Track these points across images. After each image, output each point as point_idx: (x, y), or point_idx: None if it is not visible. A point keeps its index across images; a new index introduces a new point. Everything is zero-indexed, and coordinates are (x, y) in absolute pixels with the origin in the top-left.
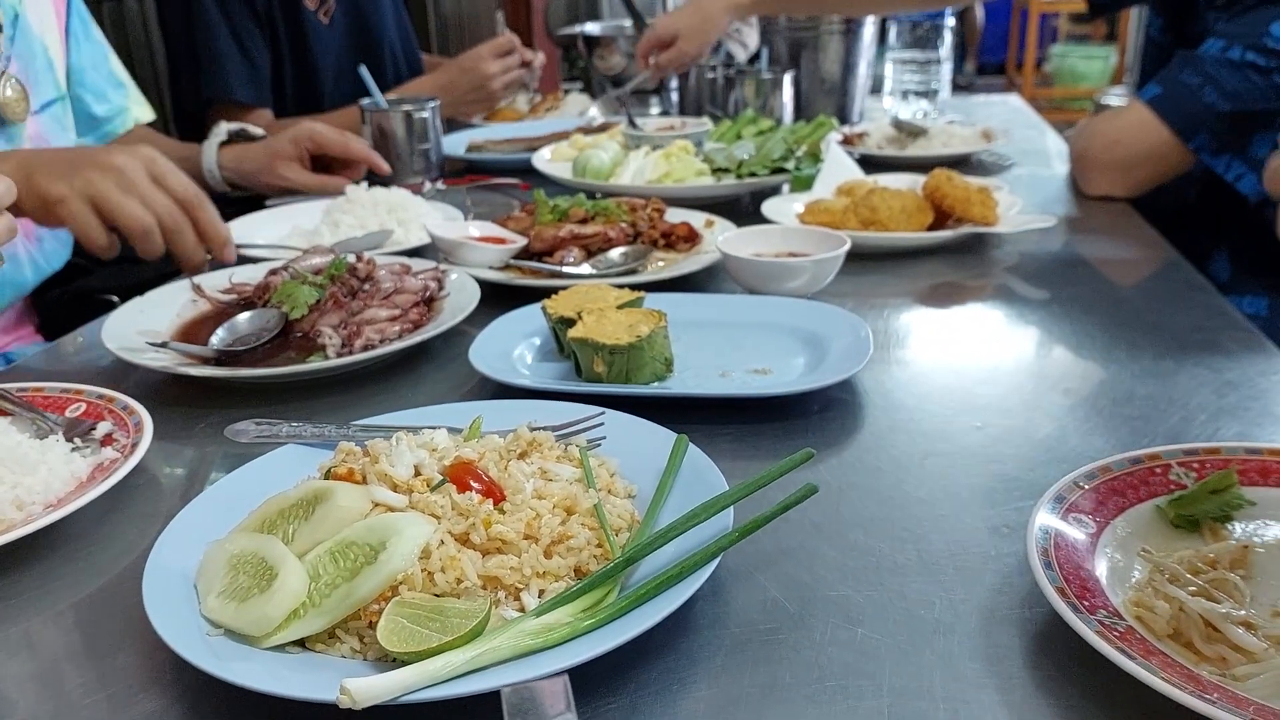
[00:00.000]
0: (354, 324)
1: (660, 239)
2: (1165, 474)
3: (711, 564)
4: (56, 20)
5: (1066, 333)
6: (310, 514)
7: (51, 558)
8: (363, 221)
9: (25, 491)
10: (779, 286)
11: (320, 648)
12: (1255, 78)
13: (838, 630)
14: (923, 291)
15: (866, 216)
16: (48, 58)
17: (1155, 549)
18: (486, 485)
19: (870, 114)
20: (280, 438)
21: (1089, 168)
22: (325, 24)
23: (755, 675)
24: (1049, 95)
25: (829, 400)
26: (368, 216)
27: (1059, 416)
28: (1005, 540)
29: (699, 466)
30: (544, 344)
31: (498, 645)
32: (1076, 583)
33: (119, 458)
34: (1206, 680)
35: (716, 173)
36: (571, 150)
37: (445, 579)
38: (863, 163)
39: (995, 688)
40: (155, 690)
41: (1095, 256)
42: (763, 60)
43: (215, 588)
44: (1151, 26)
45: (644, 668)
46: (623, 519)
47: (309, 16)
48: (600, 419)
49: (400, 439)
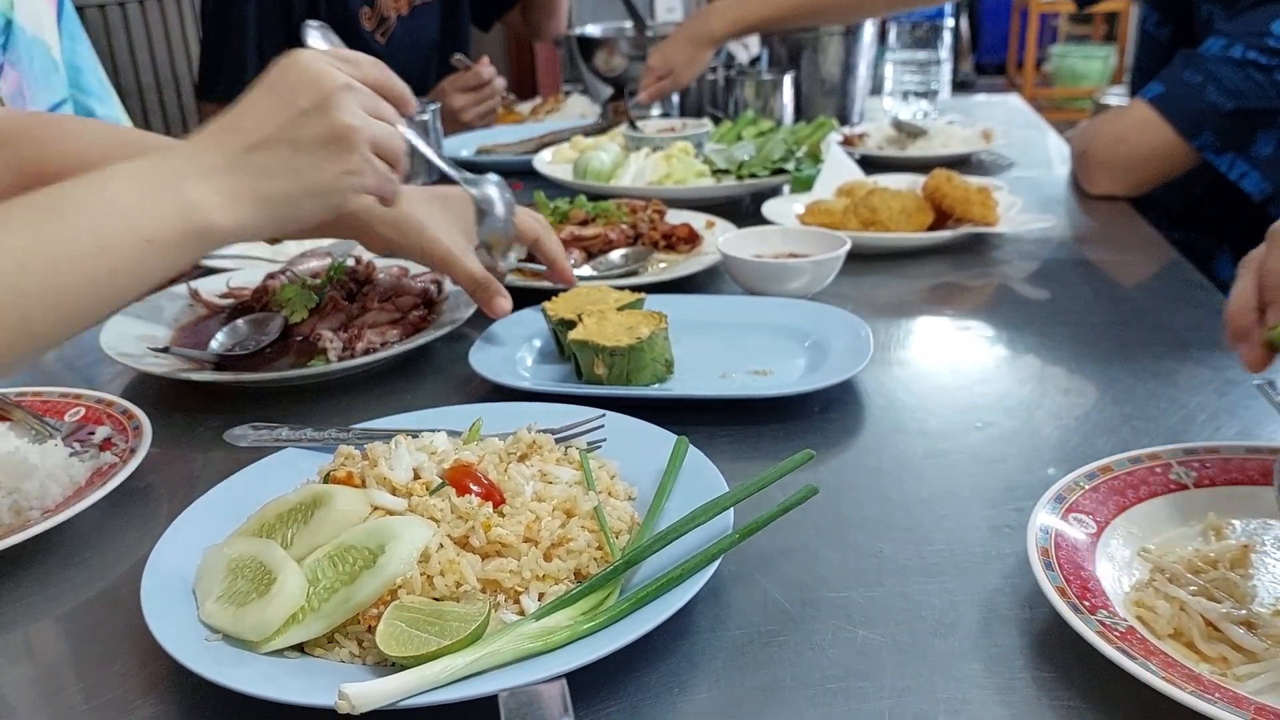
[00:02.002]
0: (354, 327)
1: (661, 240)
2: (1165, 473)
3: (712, 566)
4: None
5: (1067, 332)
6: (309, 518)
7: (49, 563)
8: None
9: (23, 497)
10: (779, 287)
11: (319, 652)
12: (1257, 76)
13: (838, 631)
14: (923, 292)
15: (866, 217)
16: (50, 58)
17: (1156, 549)
18: (486, 488)
19: (870, 114)
20: (279, 442)
21: (1092, 167)
22: (382, 44)
23: (756, 677)
24: (1049, 95)
25: (829, 401)
26: None
27: (1060, 416)
28: (1006, 540)
29: (699, 468)
30: (544, 346)
31: (497, 649)
32: (1077, 583)
33: (118, 462)
34: (1207, 680)
35: (717, 174)
36: (572, 152)
37: (444, 582)
38: (863, 163)
39: (996, 688)
40: (153, 696)
41: (1095, 256)
42: (763, 62)
43: (213, 592)
44: (1146, 21)
45: (644, 670)
46: (623, 521)
47: (366, 36)
48: (601, 421)
49: (399, 442)
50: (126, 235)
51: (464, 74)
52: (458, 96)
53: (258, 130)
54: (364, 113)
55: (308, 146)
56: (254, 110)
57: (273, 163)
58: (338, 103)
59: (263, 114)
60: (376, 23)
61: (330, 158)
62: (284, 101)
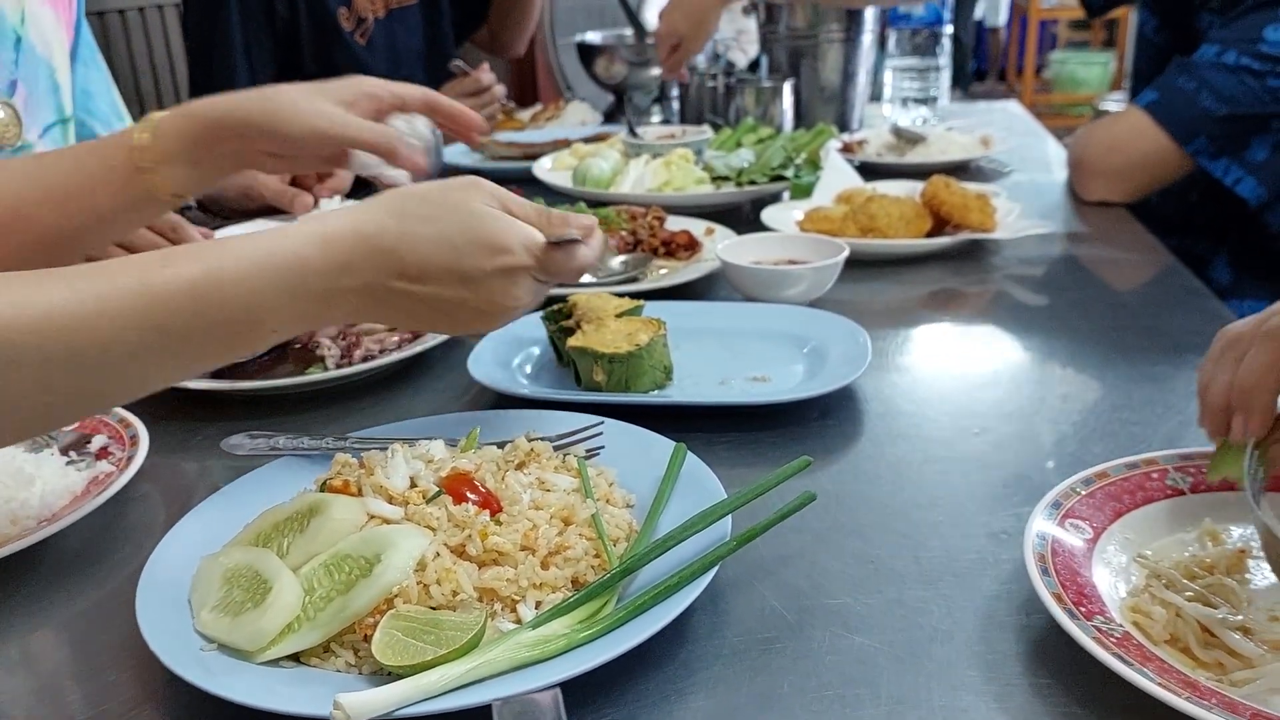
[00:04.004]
0: (352, 335)
1: (660, 247)
2: (1162, 479)
3: (709, 573)
4: (63, 40)
5: (1064, 338)
6: (305, 527)
7: (45, 572)
8: None
9: (20, 506)
10: (778, 294)
11: (315, 662)
12: (1250, 81)
13: (836, 639)
14: (921, 298)
15: (865, 224)
16: (53, 80)
17: (1152, 554)
18: (483, 496)
19: (870, 121)
20: (275, 450)
21: (1086, 173)
22: (362, 44)
23: (753, 685)
24: (1049, 101)
25: (828, 407)
26: None
27: (1057, 422)
28: (1004, 546)
29: (697, 475)
30: (543, 353)
31: (493, 658)
32: (1073, 589)
33: (114, 471)
34: (1203, 686)
35: (716, 181)
36: (572, 159)
37: (441, 591)
38: (862, 170)
39: (993, 695)
40: (149, 706)
41: (1093, 262)
42: (763, 68)
43: (209, 602)
44: (1145, 26)
45: (641, 678)
46: (621, 529)
47: (346, 38)
48: (599, 428)
49: (396, 450)
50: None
51: (463, 80)
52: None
53: (420, 277)
54: (529, 291)
55: (460, 316)
56: (422, 249)
57: (418, 311)
58: (512, 284)
59: (430, 259)
60: (355, 23)
61: (473, 323)
62: (459, 257)
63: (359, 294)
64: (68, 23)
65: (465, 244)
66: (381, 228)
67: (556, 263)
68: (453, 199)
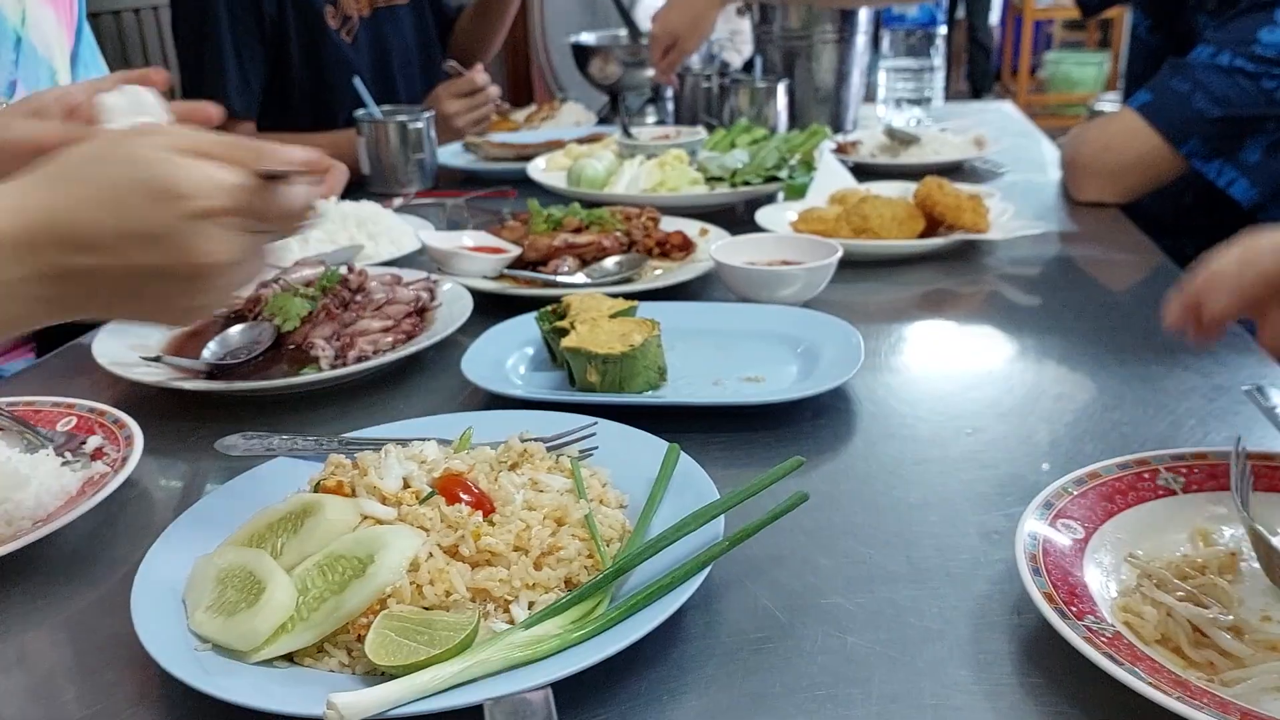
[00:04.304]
0: (347, 335)
1: (654, 248)
2: (1153, 479)
3: (702, 573)
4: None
5: (1057, 338)
6: (299, 527)
7: (41, 573)
8: (332, 236)
9: (15, 507)
10: (772, 295)
11: (308, 662)
12: (1244, 83)
13: (828, 638)
14: (914, 299)
15: (858, 224)
16: (54, 81)
17: (1143, 554)
18: (476, 497)
19: (864, 122)
20: (270, 451)
21: (1079, 174)
22: (349, 42)
23: (745, 684)
24: (1043, 102)
25: (821, 407)
26: (337, 231)
27: (1050, 422)
28: (996, 546)
29: (690, 475)
30: (537, 354)
31: (486, 658)
32: (1065, 589)
33: (109, 472)
34: (1194, 686)
35: (710, 181)
36: (566, 159)
37: (434, 592)
38: (856, 171)
39: (984, 694)
40: (143, 705)
41: (1086, 262)
42: (757, 69)
43: (203, 602)
44: (1139, 26)
45: (634, 678)
46: (614, 529)
47: (332, 35)
48: (593, 429)
49: (389, 451)
50: None
51: (457, 80)
52: (451, 103)
53: (91, 245)
54: (232, 243)
55: (156, 289)
56: (85, 212)
57: (101, 292)
58: (202, 237)
59: (97, 222)
60: (340, 22)
61: (175, 296)
62: (126, 212)
63: (38, 283)
64: (69, 25)
65: (131, 195)
66: (30, 198)
67: (265, 204)
68: (119, 151)
